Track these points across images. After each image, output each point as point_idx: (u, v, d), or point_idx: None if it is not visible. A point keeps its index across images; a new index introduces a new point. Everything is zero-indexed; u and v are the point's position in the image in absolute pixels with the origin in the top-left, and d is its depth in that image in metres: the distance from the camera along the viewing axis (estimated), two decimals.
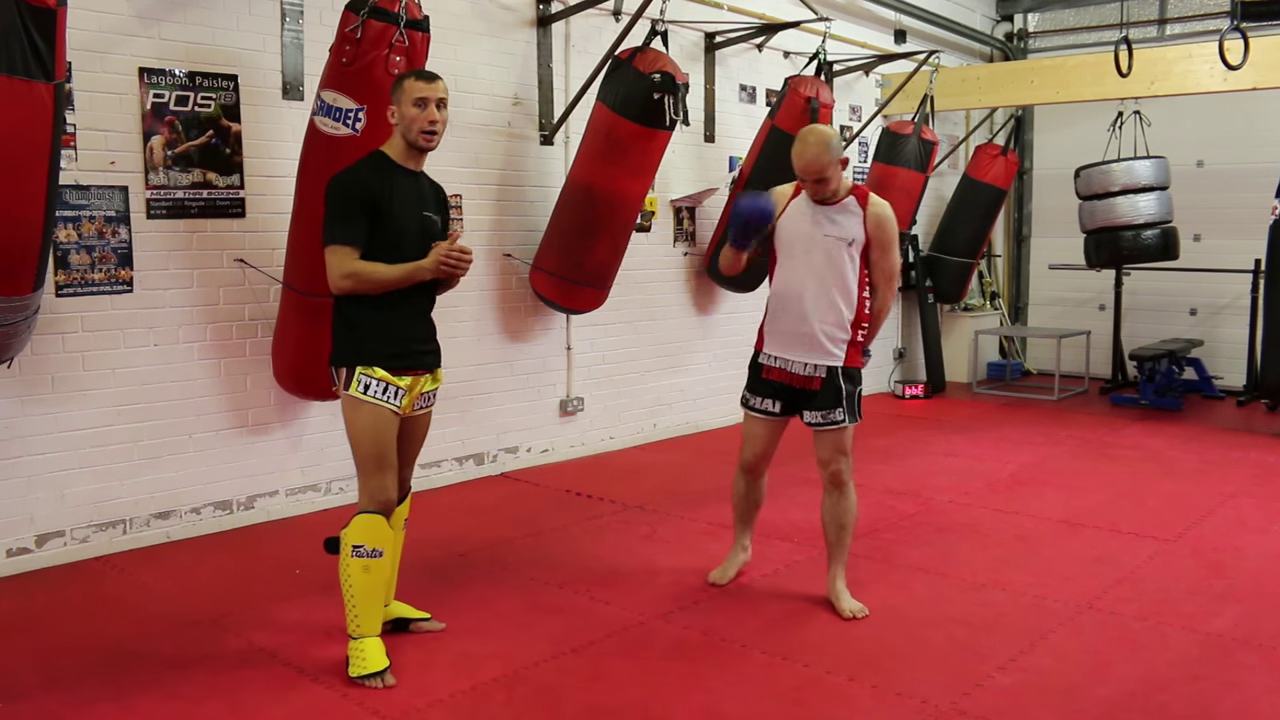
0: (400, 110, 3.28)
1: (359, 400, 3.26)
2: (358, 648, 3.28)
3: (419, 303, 3.39)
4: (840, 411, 3.79)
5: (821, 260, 3.77)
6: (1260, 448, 6.71)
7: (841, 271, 3.77)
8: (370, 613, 3.30)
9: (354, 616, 3.28)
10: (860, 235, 3.76)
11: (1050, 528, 4.93)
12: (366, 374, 3.26)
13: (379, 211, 3.23)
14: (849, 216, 3.77)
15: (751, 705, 3.12)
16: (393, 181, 3.29)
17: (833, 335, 3.78)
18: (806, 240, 3.79)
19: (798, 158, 3.70)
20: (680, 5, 6.40)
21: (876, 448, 6.68)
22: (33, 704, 3.13)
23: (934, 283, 9.21)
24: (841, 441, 3.84)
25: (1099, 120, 8.74)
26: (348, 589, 3.29)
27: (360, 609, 3.28)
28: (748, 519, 4.23)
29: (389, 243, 3.25)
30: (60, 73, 3.42)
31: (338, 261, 3.21)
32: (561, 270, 5.78)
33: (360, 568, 3.27)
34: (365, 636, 3.29)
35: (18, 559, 4.29)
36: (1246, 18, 6.03)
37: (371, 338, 3.27)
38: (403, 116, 3.28)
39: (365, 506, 3.30)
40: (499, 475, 6.01)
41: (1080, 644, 3.56)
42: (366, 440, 3.27)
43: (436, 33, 4.40)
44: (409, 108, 3.26)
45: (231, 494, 4.93)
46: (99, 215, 4.41)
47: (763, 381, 3.93)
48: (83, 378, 4.42)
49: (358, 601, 3.28)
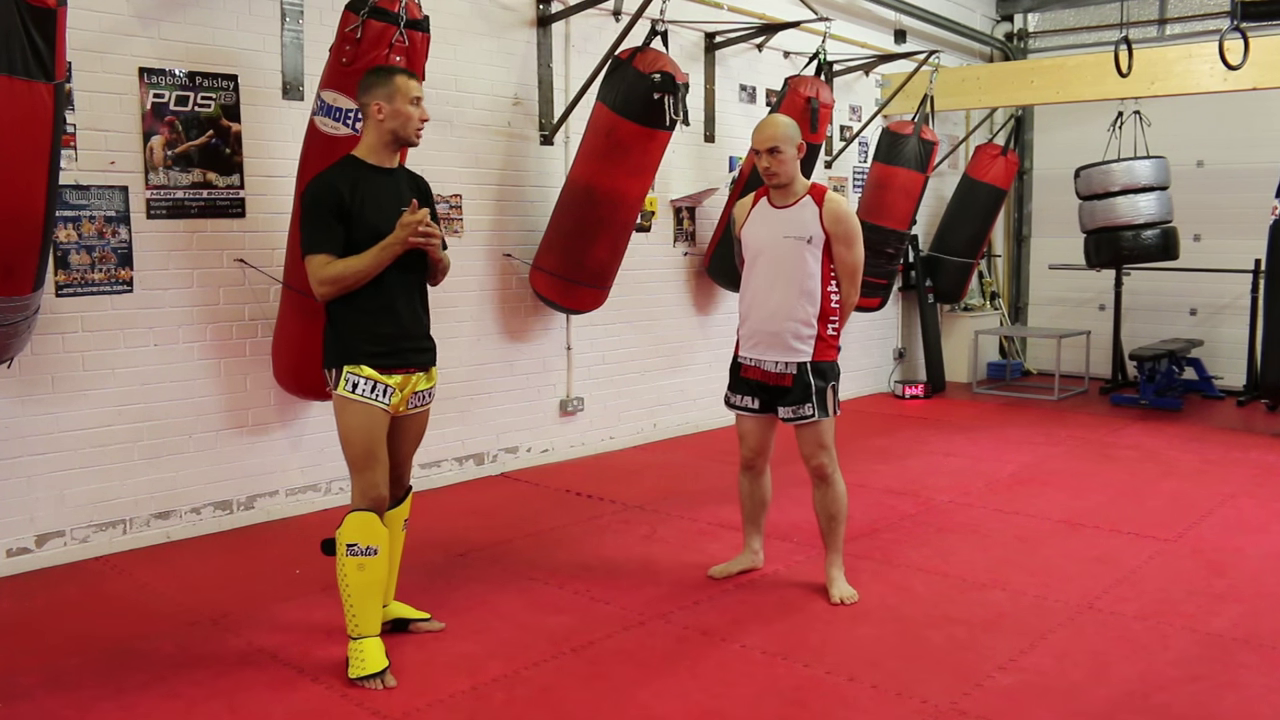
0: (394, 107, 3.26)
1: (347, 399, 3.26)
2: (357, 648, 3.28)
3: (406, 301, 3.36)
4: (810, 406, 3.87)
5: (784, 261, 3.87)
6: (1260, 448, 6.71)
7: (803, 270, 3.85)
8: (368, 612, 3.29)
9: (352, 617, 3.28)
10: (818, 232, 3.83)
11: (1050, 528, 4.93)
12: (354, 373, 3.26)
13: (350, 216, 3.22)
14: (807, 214, 3.86)
15: (751, 705, 3.12)
16: (366, 184, 3.27)
17: (799, 333, 3.87)
18: (769, 244, 3.91)
19: (756, 132, 3.87)
20: (680, 5, 6.40)
21: (876, 448, 6.68)
22: (33, 704, 3.13)
23: (934, 283, 9.21)
24: (819, 436, 3.91)
25: (1099, 120, 8.74)
26: (345, 589, 3.28)
27: (358, 608, 3.27)
28: (755, 519, 4.25)
29: (365, 246, 3.22)
30: (60, 73, 3.42)
31: (313, 269, 3.22)
32: (561, 270, 5.78)
33: (355, 566, 3.25)
34: (364, 637, 3.28)
35: (18, 559, 4.29)
36: (1246, 18, 6.03)
37: (358, 337, 3.27)
38: (396, 113, 3.26)
39: (357, 504, 3.30)
40: (499, 475, 6.01)
41: (1080, 644, 3.56)
42: (356, 439, 3.27)
43: (436, 33, 4.41)
44: (405, 105, 3.27)
45: (231, 494, 4.93)
46: (99, 215, 4.41)
47: (741, 380, 4.05)
48: (83, 378, 4.42)
49: (355, 601, 3.27)
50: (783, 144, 3.81)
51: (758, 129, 3.87)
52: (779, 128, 3.83)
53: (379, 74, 3.33)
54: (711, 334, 7.38)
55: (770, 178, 3.88)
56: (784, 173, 3.84)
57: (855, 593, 3.96)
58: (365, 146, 3.33)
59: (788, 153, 3.82)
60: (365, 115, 3.31)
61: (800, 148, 3.87)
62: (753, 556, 4.28)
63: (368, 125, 3.31)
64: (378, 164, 3.33)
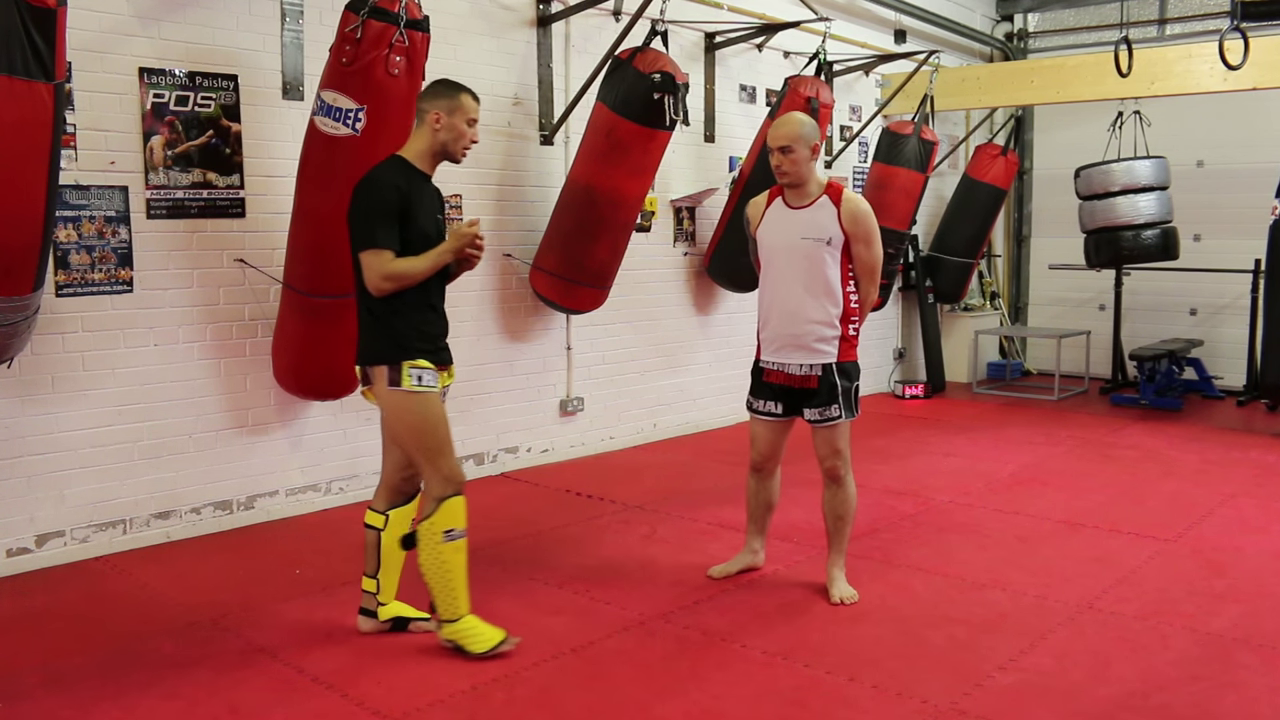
0: (451, 121, 3.38)
1: (413, 393, 3.34)
2: (468, 626, 3.40)
3: (440, 300, 3.50)
4: (837, 408, 3.86)
5: (803, 263, 3.84)
6: (1260, 448, 6.71)
7: (823, 272, 3.82)
8: (465, 590, 3.42)
9: (453, 599, 3.39)
10: (837, 233, 3.81)
11: (1050, 528, 4.93)
12: (416, 367, 3.35)
13: (408, 216, 3.31)
14: (824, 215, 3.83)
15: (751, 705, 3.12)
16: (415, 188, 3.37)
17: (822, 335, 3.85)
18: (786, 245, 3.88)
19: (774, 128, 3.86)
20: (680, 5, 6.40)
21: (876, 448, 6.68)
22: (33, 704, 3.13)
23: (934, 283, 9.21)
24: (836, 438, 3.90)
25: (1099, 120, 8.74)
26: (444, 574, 3.36)
27: (459, 589, 3.39)
28: (759, 520, 4.25)
29: (414, 247, 3.33)
30: (60, 73, 3.42)
31: (378, 264, 3.28)
32: (561, 270, 5.78)
33: (454, 550, 3.37)
34: (466, 615, 3.41)
35: (18, 559, 4.29)
36: (1246, 18, 6.03)
37: (410, 334, 3.37)
38: (452, 127, 3.38)
39: (445, 491, 3.37)
40: (499, 475, 6.01)
41: (1080, 644, 3.56)
42: (429, 429, 3.37)
43: (436, 33, 4.40)
44: (462, 122, 3.40)
45: (231, 494, 4.93)
46: (99, 215, 4.41)
47: (764, 385, 4.01)
48: (83, 378, 4.42)
49: (456, 582, 3.38)
50: (796, 143, 3.78)
51: (775, 125, 3.85)
52: (795, 126, 3.79)
53: (447, 86, 3.45)
54: (711, 334, 7.38)
55: (781, 176, 3.86)
56: (795, 172, 3.82)
57: (855, 593, 3.96)
58: (414, 152, 3.42)
59: (800, 153, 3.79)
60: (421, 121, 3.40)
61: (815, 149, 3.84)
62: (752, 556, 4.28)
63: (421, 131, 3.41)
64: (423, 170, 3.43)
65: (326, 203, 4.30)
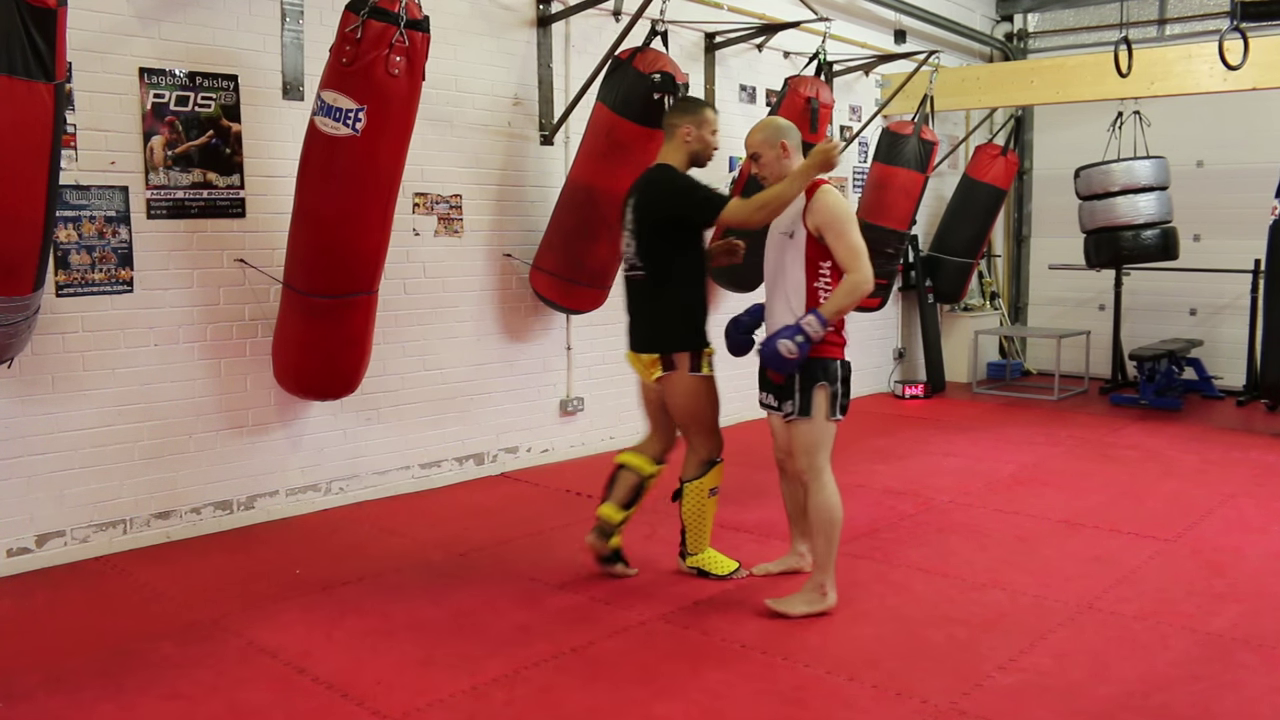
0: (701, 134, 3.98)
1: (707, 377, 4.00)
2: (710, 556, 4.16)
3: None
4: (791, 404, 3.79)
5: (774, 257, 3.93)
6: (1260, 448, 6.71)
7: (789, 266, 3.84)
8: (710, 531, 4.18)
9: (702, 536, 4.14)
10: (799, 227, 3.79)
11: (1050, 528, 4.93)
12: (710, 355, 3.99)
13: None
14: (794, 209, 3.84)
15: (751, 705, 3.12)
16: None
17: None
18: (768, 240, 4.00)
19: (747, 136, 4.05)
20: (680, 5, 6.40)
21: (876, 448, 6.68)
22: (33, 704, 3.13)
23: (934, 283, 9.21)
24: (800, 436, 3.80)
25: (1099, 120, 8.74)
26: (701, 519, 4.11)
27: (707, 530, 4.15)
28: (798, 522, 4.22)
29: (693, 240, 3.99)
30: (60, 73, 3.42)
31: (740, 207, 3.80)
32: (562, 270, 5.78)
33: (712, 503, 4.13)
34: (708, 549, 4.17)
35: (18, 559, 4.29)
36: (1246, 18, 6.03)
37: (704, 324, 3.99)
38: (702, 139, 3.99)
39: (713, 455, 4.07)
40: (499, 475, 6.01)
41: (1080, 644, 3.56)
42: (711, 408, 4.03)
43: (436, 33, 4.41)
44: (708, 134, 4.00)
45: (231, 494, 4.93)
46: (99, 215, 4.41)
47: (764, 378, 4.01)
48: (83, 378, 4.42)
49: (706, 526, 4.14)
50: (761, 148, 3.90)
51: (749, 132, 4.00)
52: (757, 134, 3.94)
53: (693, 103, 4.09)
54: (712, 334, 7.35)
55: (761, 180, 3.95)
56: (770, 175, 3.90)
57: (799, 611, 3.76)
58: (675, 161, 3.99)
59: (767, 155, 3.89)
60: (671, 135, 4.00)
61: (784, 147, 3.89)
62: (798, 559, 4.24)
63: (673, 144, 4.00)
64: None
65: (327, 203, 4.31)
